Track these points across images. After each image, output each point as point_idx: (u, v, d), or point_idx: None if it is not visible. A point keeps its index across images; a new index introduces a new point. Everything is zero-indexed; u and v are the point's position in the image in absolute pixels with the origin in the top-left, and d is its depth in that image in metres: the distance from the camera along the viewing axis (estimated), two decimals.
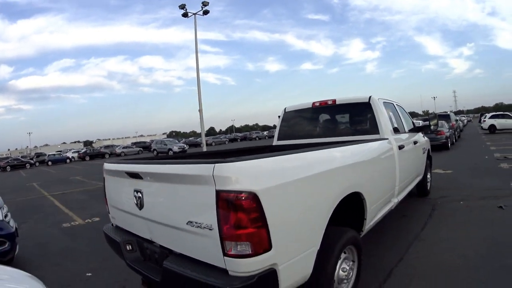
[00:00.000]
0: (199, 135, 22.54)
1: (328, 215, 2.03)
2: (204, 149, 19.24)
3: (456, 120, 18.80)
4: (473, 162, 9.05)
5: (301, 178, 1.85)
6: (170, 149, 31.47)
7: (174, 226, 1.82)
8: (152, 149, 35.25)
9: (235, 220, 1.50)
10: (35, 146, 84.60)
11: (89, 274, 3.46)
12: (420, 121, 8.40)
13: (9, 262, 3.42)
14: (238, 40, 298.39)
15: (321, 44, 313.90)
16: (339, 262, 2.19)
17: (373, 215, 2.78)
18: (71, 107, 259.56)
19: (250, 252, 1.51)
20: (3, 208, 3.84)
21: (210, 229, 1.58)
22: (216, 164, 1.54)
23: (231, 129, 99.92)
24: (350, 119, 3.93)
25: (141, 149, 40.27)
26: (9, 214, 3.94)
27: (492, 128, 19.69)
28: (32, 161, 35.17)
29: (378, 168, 2.95)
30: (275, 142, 4.38)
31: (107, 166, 2.56)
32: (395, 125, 3.79)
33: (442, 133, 12.65)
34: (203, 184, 1.59)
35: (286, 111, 4.36)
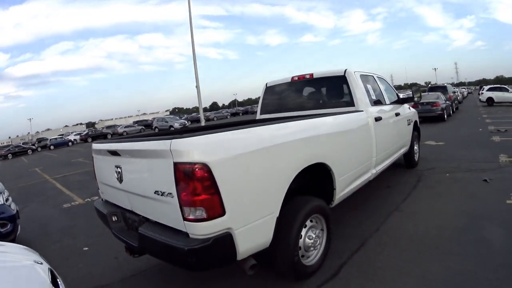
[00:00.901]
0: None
1: (286, 184, 2.16)
2: (202, 124, 19.44)
3: (454, 92, 18.60)
4: (466, 134, 9.02)
5: (254, 150, 1.98)
6: (171, 126, 31.21)
7: (146, 196, 2.02)
8: (153, 127, 35.31)
9: (190, 188, 1.69)
10: (37, 132, 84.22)
11: (86, 248, 3.71)
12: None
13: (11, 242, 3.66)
14: (238, 14, 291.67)
15: (322, 16, 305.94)
16: (305, 230, 2.36)
17: (344, 185, 2.89)
18: (72, 89, 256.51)
19: (205, 217, 1.70)
20: (3, 193, 4.08)
21: (171, 197, 1.78)
22: (173, 140, 1.73)
23: (234, 103, 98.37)
24: (327, 92, 3.96)
25: (143, 127, 39.72)
26: (10, 198, 4.20)
27: (489, 100, 19.45)
28: (33, 147, 34.39)
29: (348, 139, 3.02)
30: (258, 116, 4.46)
31: (94, 146, 2.75)
32: (374, 98, 3.83)
33: (438, 105, 12.60)
34: (163, 158, 1.78)
35: (267, 86, 4.42)
